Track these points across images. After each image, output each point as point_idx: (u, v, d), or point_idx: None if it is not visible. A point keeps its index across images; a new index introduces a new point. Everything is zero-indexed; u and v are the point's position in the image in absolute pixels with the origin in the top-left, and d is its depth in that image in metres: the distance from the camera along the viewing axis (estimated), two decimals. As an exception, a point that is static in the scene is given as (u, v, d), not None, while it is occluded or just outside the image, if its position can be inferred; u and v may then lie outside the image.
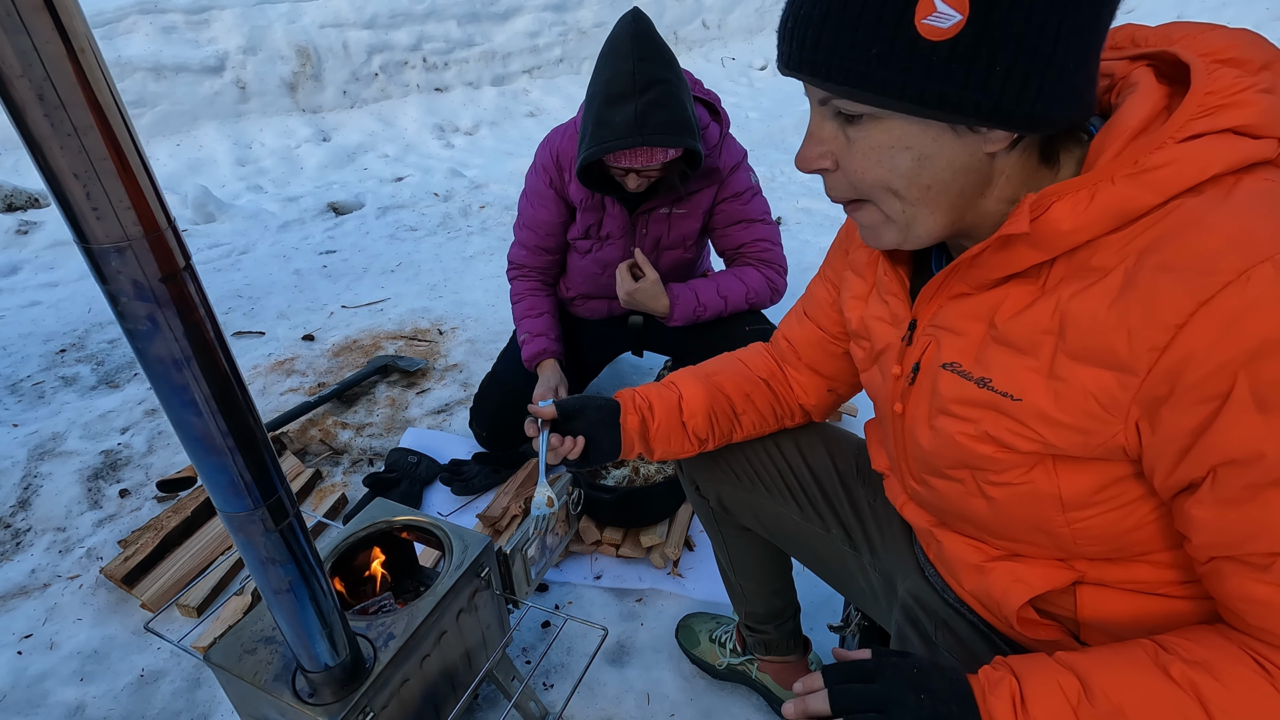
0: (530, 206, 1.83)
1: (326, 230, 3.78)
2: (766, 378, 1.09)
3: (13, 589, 1.67)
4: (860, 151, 0.65)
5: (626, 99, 1.42)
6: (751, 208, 1.80)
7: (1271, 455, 0.54)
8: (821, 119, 0.67)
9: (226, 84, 4.89)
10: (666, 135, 1.44)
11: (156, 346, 0.60)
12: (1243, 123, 0.57)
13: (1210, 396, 0.55)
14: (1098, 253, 0.61)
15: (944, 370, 0.73)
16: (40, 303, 3.07)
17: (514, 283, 1.94)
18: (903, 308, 0.81)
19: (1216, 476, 0.57)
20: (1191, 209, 0.57)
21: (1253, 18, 5.60)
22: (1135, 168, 0.58)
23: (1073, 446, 0.64)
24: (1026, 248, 0.64)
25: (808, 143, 0.68)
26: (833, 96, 0.63)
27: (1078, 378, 0.62)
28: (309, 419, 2.22)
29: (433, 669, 1.08)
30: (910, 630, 0.90)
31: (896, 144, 0.63)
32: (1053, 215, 0.61)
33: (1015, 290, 0.67)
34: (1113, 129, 0.61)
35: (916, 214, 0.66)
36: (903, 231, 0.68)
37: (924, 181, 0.64)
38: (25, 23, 0.45)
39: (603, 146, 1.45)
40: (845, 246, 0.96)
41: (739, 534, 1.22)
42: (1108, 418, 0.61)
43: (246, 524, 0.73)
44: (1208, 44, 0.62)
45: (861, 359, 0.91)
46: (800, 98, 6.09)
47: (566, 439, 1.00)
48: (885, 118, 0.62)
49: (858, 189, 0.67)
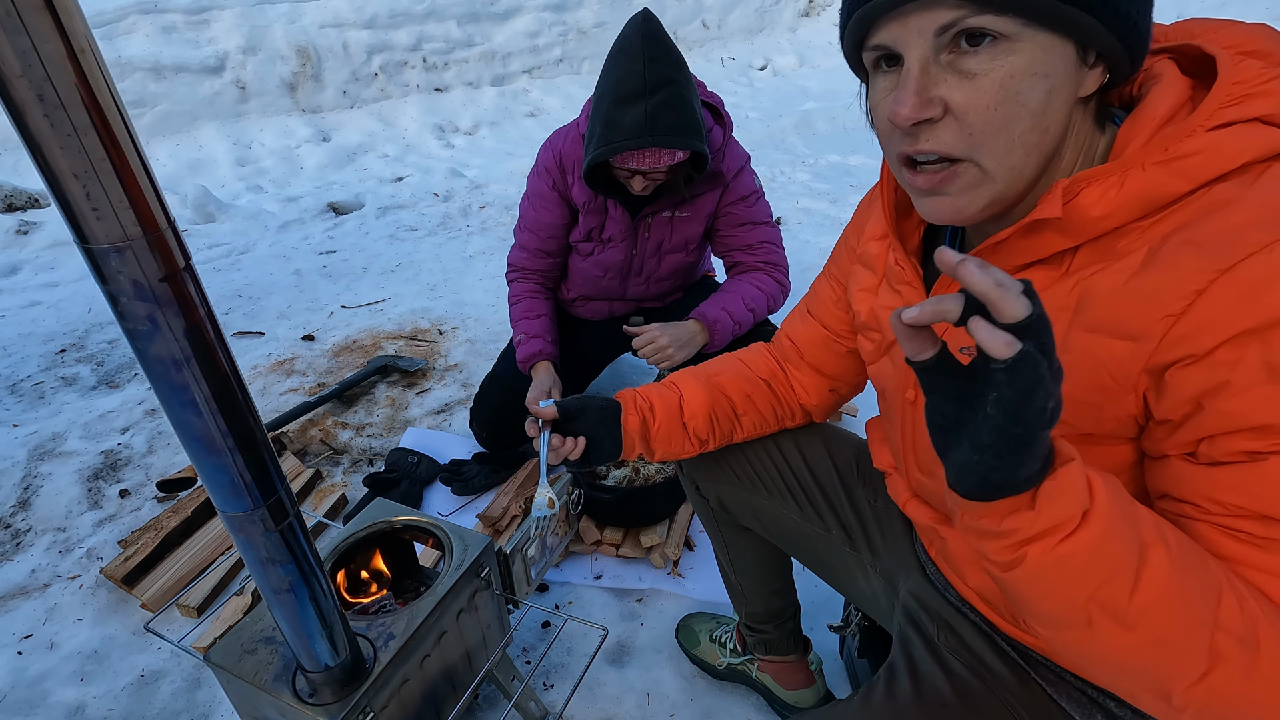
0: (532, 209, 1.82)
1: (326, 230, 3.78)
2: (767, 378, 1.09)
3: (13, 589, 1.67)
4: (993, 85, 0.58)
5: (637, 100, 1.41)
6: (756, 211, 1.81)
7: (1277, 425, 0.53)
8: (929, 60, 0.59)
9: (226, 84, 4.89)
10: (676, 137, 1.43)
11: (156, 346, 0.60)
12: (1269, 111, 0.57)
13: (1221, 363, 0.55)
14: (1124, 238, 0.61)
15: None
16: (40, 303, 3.07)
17: (513, 285, 1.93)
18: (918, 297, 0.80)
19: (1216, 442, 0.56)
20: (1219, 193, 0.57)
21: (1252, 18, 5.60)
22: (1166, 155, 0.58)
23: (1085, 423, 0.64)
24: (1054, 234, 0.63)
25: (911, 86, 0.60)
26: (969, 15, 0.56)
27: (1089, 349, 0.62)
28: (309, 419, 2.22)
29: (433, 669, 1.08)
30: (912, 631, 0.90)
31: (1036, 69, 0.57)
32: (1083, 200, 0.60)
33: (1036, 276, 0.66)
34: (1140, 117, 0.61)
35: (1024, 165, 0.62)
36: (998, 191, 0.63)
37: (1045, 123, 0.60)
38: (25, 23, 0.44)
39: (611, 147, 1.44)
40: (852, 242, 0.95)
41: (739, 534, 1.22)
42: (1117, 389, 0.61)
43: (246, 524, 0.73)
44: (1231, 37, 0.63)
45: (870, 351, 0.91)
46: (801, 98, 6.09)
47: (567, 439, 1.00)
48: (1022, 39, 0.57)
49: (976, 133, 0.60)
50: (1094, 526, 0.51)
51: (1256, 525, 0.55)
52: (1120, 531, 0.51)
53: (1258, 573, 0.55)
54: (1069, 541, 0.51)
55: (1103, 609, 0.52)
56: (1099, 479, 0.52)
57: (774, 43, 7.26)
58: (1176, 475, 0.60)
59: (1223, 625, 0.52)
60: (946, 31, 0.58)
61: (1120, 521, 0.51)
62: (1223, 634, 0.52)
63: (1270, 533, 0.55)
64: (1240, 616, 0.52)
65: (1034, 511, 0.51)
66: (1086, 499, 0.51)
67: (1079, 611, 0.53)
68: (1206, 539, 0.57)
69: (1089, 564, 0.51)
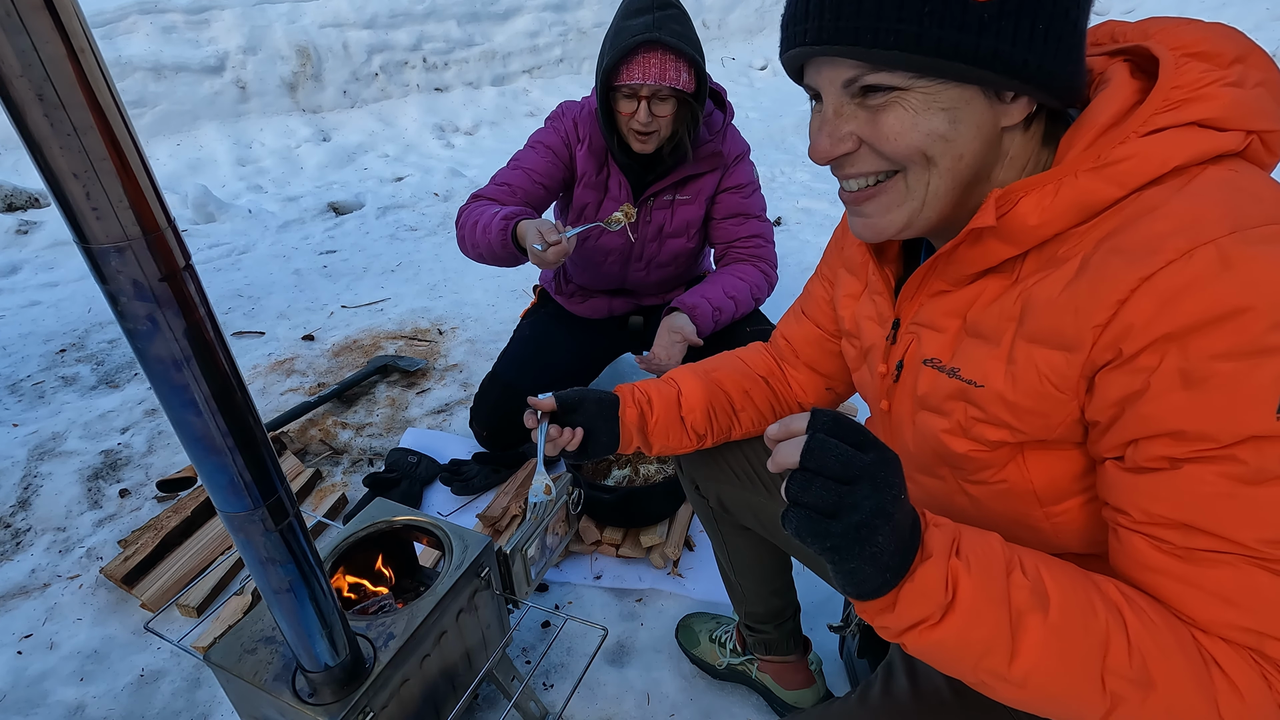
0: (533, 153, 1.79)
1: (326, 230, 3.78)
2: (765, 375, 1.09)
3: (13, 589, 1.67)
4: (892, 119, 0.63)
5: (645, 11, 1.51)
6: (751, 202, 1.82)
7: (1191, 431, 0.54)
8: (841, 102, 0.65)
9: (226, 84, 4.89)
10: (680, 42, 1.50)
11: (156, 346, 0.60)
12: (1207, 116, 0.58)
13: (1141, 369, 0.56)
14: (1064, 244, 0.62)
15: (924, 366, 0.75)
16: (40, 303, 3.07)
17: (469, 206, 1.71)
18: (888, 306, 0.82)
19: (1139, 446, 0.58)
20: (1148, 198, 0.58)
21: (1253, 18, 5.61)
22: (1098, 161, 0.59)
23: (1036, 430, 0.65)
24: (997, 242, 0.65)
25: (824, 130, 0.66)
26: (865, 72, 0.61)
27: (1031, 359, 0.63)
28: (309, 419, 2.22)
29: (433, 669, 1.08)
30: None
31: (931, 105, 0.62)
32: (1020, 210, 0.62)
33: (990, 285, 0.68)
34: (1082, 125, 0.63)
35: (940, 187, 0.65)
36: (916, 210, 0.67)
37: (956, 150, 0.63)
38: (25, 23, 0.45)
39: (622, 48, 1.50)
40: (841, 245, 0.96)
41: (739, 534, 1.22)
42: (1061, 397, 0.62)
43: (246, 524, 0.73)
44: (1180, 38, 0.63)
45: (853, 357, 0.92)
46: (801, 97, 6.09)
47: (565, 430, 1.01)
48: (917, 86, 0.61)
49: (890, 159, 0.65)
50: (954, 619, 0.56)
51: (1177, 534, 0.57)
52: (985, 615, 0.56)
53: (1177, 583, 0.57)
54: (935, 630, 0.57)
55: (990, 674, 0.58)
56: (964, 567, 0.57)
57: (774, 42, 7.24)
58: (1111, 481, 0.62)
59: (1112, 670, 0.55)
60: (852, 84, 0.63)
61: (985, 605, 0.56)
62: (1113, 678, 0.55)
63: (1189, 541, 0.56)
64: (1128, 661, 0.55)
65: (894, 613, 0.57)
66: (944, 595, 0.56)
67: (970, 676, 0.59)
68: (1134, 549, 0.60)
69: (960, 646, 0.57)
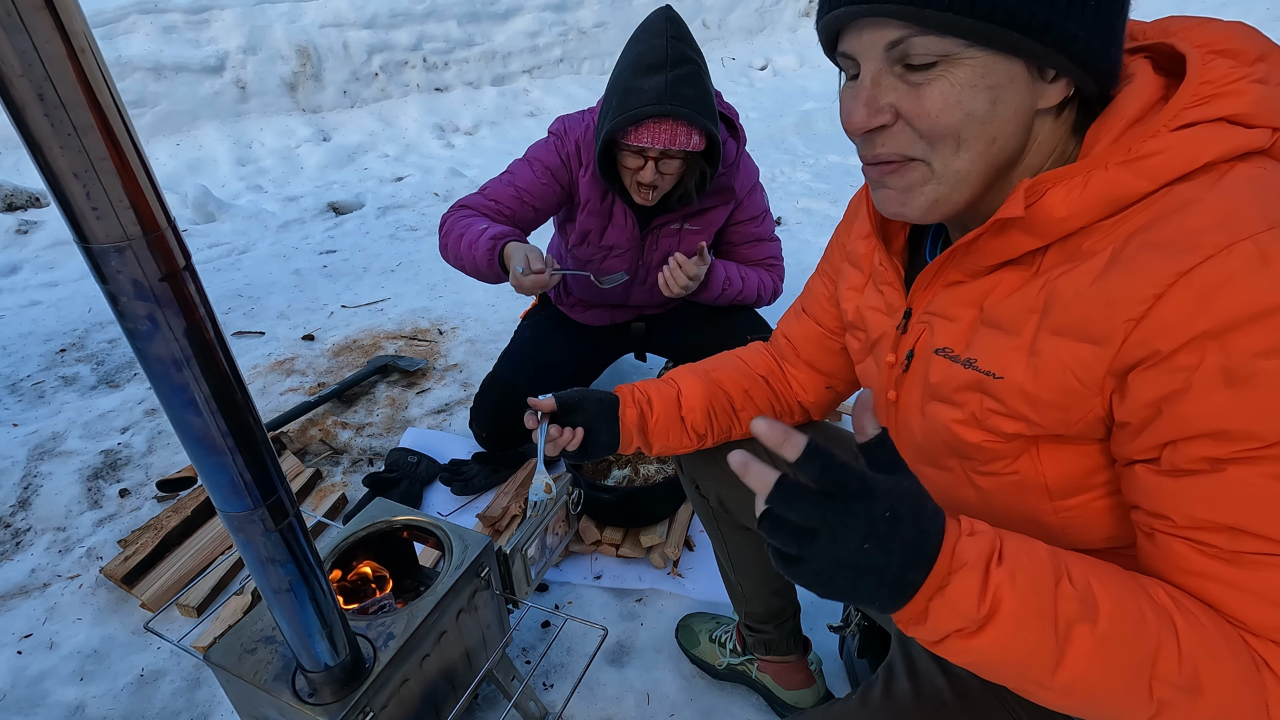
0: (529, 170, 1.70)
1: (326, 230, 3.78)
2: (766, 375, 1.09)
3: (13, 589, 1.67)
4: (936, 94, 0.60)
5: (657, 70, 1.41)
6: (764, 229, 1.84)
7: (1235, 431, 0.54)
8: (881, 71, 0.62)
9: (226, 84, 4.89)
10: (694, 112, 1.42)
11: (156, 346, 0.60)
12: (1236, 112, 0.58)
13: (1180, 368, 0.55)
14: (1089, 238, 0.62)
15: (936, 356, 0.74)
16: (40, 302, 3.07)
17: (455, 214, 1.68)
18: (898, 297, 0.82)
19: (1178, 448, 0.57)
20: (1181, 193, 0.58)
21: (1253, 18, 5.59)
22: (1128, 155, 0.59)
23: (1054, 424, 0.65)
24: (1021, 234, 0.64)
25: (860, 98, 0.64)
26: (913, 34, 0.59)
27: (1056, 352, 0.63)
28: (309, 419, 2.22)
29: (433, 669, 1.08)
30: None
31: (978, 82, 0.59)
32: (1047, 201, 0.61)
33: (1008, 276, 0.68)
34: (1109, 118, 0.62)
35: (970, 171, 0.64)
36: (942, 193, 0.65)
37: (991, 132, 0.62)
38: (25, 23, 0.44)
39: (630, 115, 1.42)
40: (843, 239, 0.96)
41: (739, 533, 1.22)
42: (1084, 392, 0.62)
43: (246, 524, 0.73)
44: (1204, 35, 0.63)
45: (857, 350, 0.92)
46: (801, 98, 6.09)
47: (565, 430, 1.01)
48: (965, 56, 0.59)
49: (926, 136, 0.63)
50: (994, 630, 0.54)
51: (1222, 537, 0.56)
52: (1029, 626, 0.54)
53: (1225, 588, 0.56)
54: (973, 639, 0.54)
55: (1034, 683, 0.56)
56: (1008, 578, 0.53)
57: (774, 43, 7.26)
58: (1145, 486, 0.60)
59: (1161, 678, 0.54)
60: (895, 47, 0.61)
61: (1030, 617, 0.54)
62: (1161, 685, 0.54)
63: (1236, 545, 0.55)
64: (1178, 668, 0.53)
65: (926, 625, 0.54)
66: (980, 607, 0.53)
67: (1013, 683, 0.57)
68: (1178, 555, 0.58)
69: (1003, 656, 0.55)
